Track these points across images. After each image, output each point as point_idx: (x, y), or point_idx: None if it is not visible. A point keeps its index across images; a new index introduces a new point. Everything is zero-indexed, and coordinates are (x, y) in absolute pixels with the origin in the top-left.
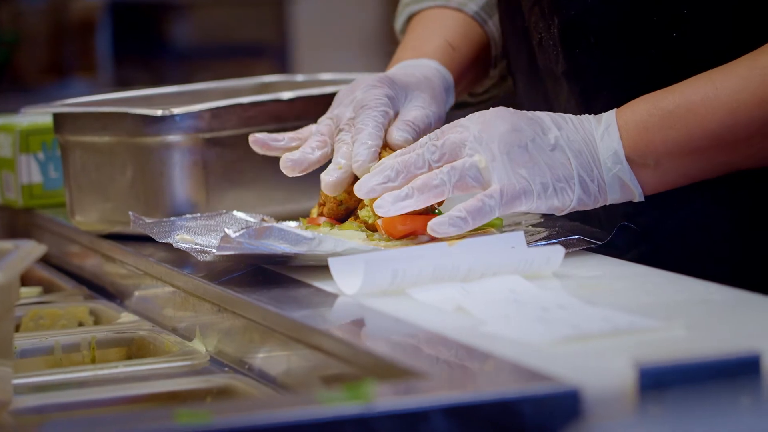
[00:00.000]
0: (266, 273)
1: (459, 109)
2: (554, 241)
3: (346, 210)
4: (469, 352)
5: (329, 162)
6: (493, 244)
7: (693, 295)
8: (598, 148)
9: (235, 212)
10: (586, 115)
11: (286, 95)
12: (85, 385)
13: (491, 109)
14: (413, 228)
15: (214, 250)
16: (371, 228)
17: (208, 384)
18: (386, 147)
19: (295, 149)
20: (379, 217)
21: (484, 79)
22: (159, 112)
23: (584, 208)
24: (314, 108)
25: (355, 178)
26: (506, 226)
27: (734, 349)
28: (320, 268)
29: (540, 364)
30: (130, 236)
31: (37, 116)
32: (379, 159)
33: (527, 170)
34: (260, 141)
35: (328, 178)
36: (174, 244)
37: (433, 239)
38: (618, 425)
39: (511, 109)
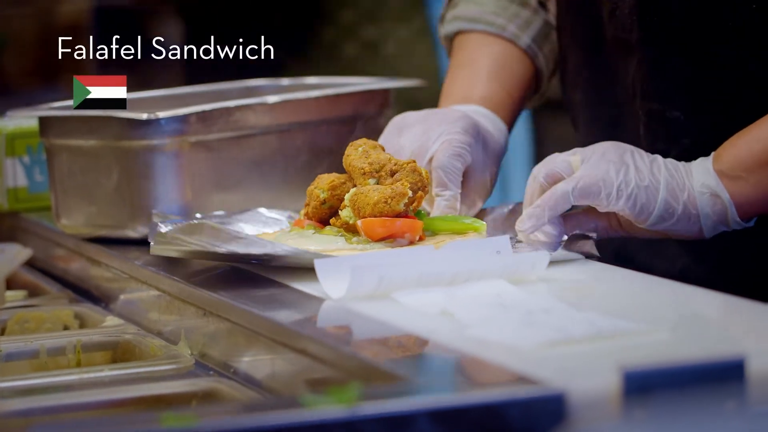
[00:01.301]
0: (251, 277)
1: None
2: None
3: (329, 209)
4: (455, 355)
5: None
6: (479, 248)
7: (678, 299)
8: (691, 169)
9: (260, 209)
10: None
11: (272, 99)
12: (70, 389)
13: None
14: (392, 231)
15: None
16: (351, 229)
17: (193, 387)
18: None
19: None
20: (359, 218)
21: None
22: (144, 116)
23: (671, 221)
24: (299, 111)
25: (344, 180)
26: None
27: (719, 353)
28: (306, 271)
29: (525, 368)
30: (115, 240)
31: (23, 119)
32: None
33: (614, 165)
34: None
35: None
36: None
37: (411, 242)
38: (603, 429)
39: None
